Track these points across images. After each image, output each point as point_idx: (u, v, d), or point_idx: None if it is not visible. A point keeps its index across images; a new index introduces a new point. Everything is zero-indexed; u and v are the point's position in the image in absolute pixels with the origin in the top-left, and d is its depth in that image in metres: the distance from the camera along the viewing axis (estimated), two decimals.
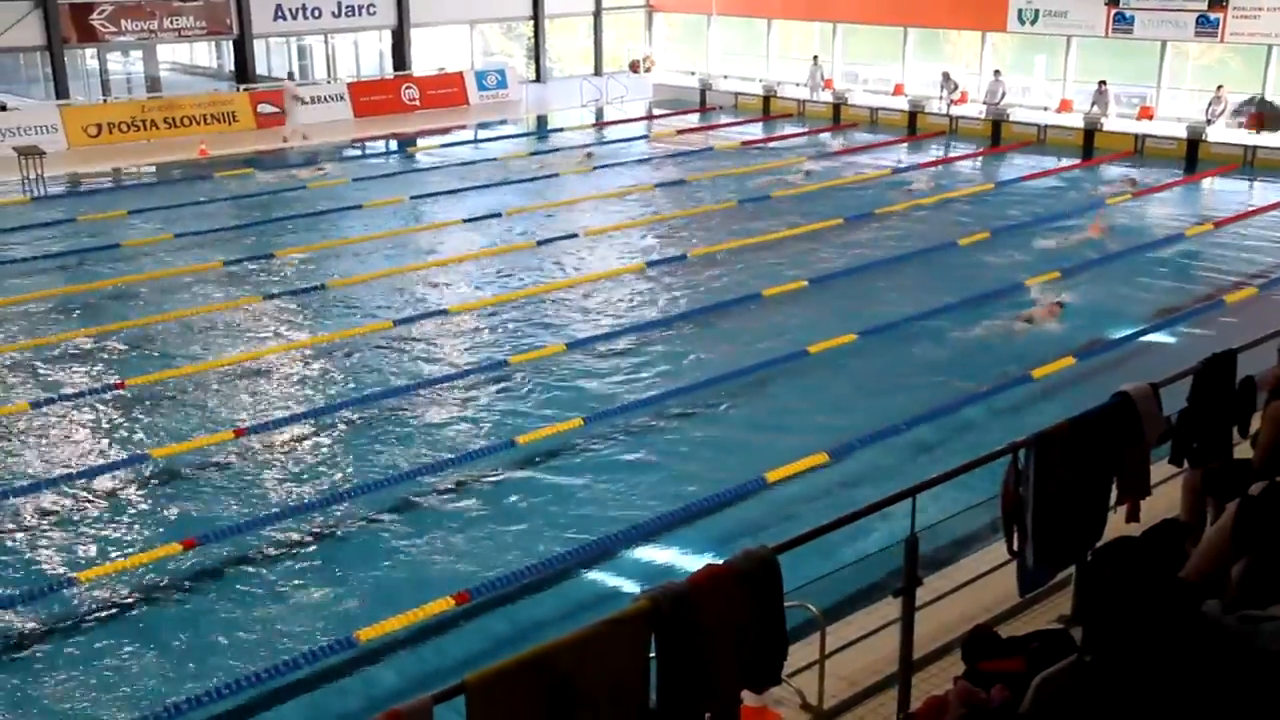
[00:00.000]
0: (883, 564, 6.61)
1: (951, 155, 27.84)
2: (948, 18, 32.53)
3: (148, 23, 30.87)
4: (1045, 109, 30.59)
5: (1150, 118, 28.82)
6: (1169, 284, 17.45)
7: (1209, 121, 26.82)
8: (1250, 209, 21.89)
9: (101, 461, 11.76)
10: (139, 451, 11.89)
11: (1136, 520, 6.64)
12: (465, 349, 15.09)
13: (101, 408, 13.16)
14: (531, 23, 38.50)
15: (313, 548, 10.13)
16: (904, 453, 11.61)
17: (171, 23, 31.27)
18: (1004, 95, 30.07)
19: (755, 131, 31.20)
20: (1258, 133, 25.94)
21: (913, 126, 30.56)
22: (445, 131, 30.97)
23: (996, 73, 30.61)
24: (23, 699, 8.16)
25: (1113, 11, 29.13)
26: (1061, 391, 12.85)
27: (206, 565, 9.78)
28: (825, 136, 30.41)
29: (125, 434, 12.54)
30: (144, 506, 10.94)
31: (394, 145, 29.78)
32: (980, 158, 27.61)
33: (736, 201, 22.58)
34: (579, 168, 26.39)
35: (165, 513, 10.76)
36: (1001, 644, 5.16)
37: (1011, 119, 29.31)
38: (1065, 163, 26.42)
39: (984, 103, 30.33)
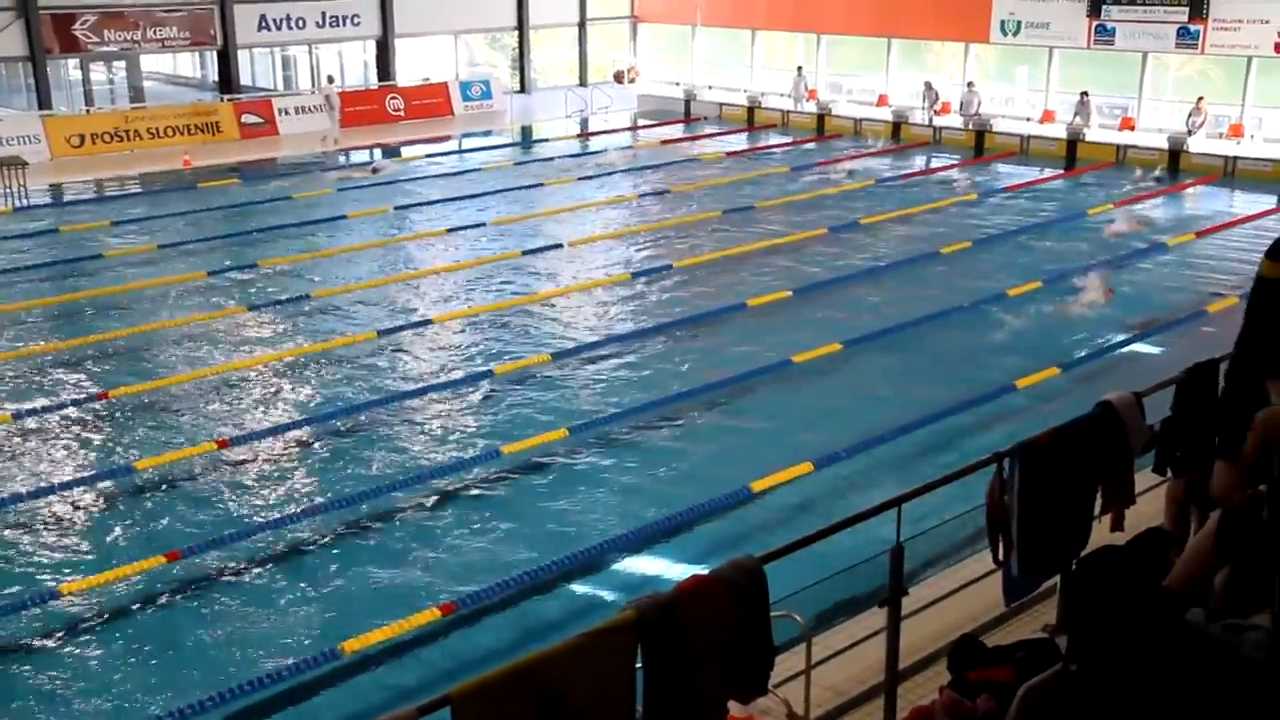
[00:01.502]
0: (869, 574, 6.60)
1: (935, 165, 27.91)
2: (931, 29, 32.69)
3: (131, 33, 30.77)
4: (1028, 119, 30.76)
5: (1131, 128, 29.02)
6: (1152, 293, 17.53)
7: (1190, 132, 27.01)
8: (1231, 219, 22.03)
9: (84, 473, 11.70)
10: (122, 463, 11.84)
11: (1121, 529, 6.66)
12: (450, 359, 15.07)
13: (85, 419, 13.10)
14: (516, 33, 38.51)
15: (297, 559, 10.09)
16: (888, 462, 11.62)
17: (155, 33, 31.17)
18: (979, 106, 30.25)
19: (739, 142, 31.28)
20: None
21: (896, 137, 30.70)
22: (430, 142, 30.95)
23: (970, 84, 30.80)
24: (4, 712, 8.10)
25: (1094, 23, 29.32)
26: (1045, 401, 12.88)
27: (190, 577, 9.73)
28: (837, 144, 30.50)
29: (108, 445, 12.48)
30: (127, 518, 10.89)
31: (378, 155, 29.74)
32: (963, 167, 27.67)
33: (721, 212, 22.61)
34: (627, 164, 27.51)
35: (149, 524, 10.71)
36: (987, 653, 5.17)
37: (994, 129, 29.47)
38: (1048, 172, 26.57)
39: (959, 114, 30.51)
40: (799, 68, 34.35)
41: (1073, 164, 27.48)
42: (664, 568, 9.77)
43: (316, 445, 12.45)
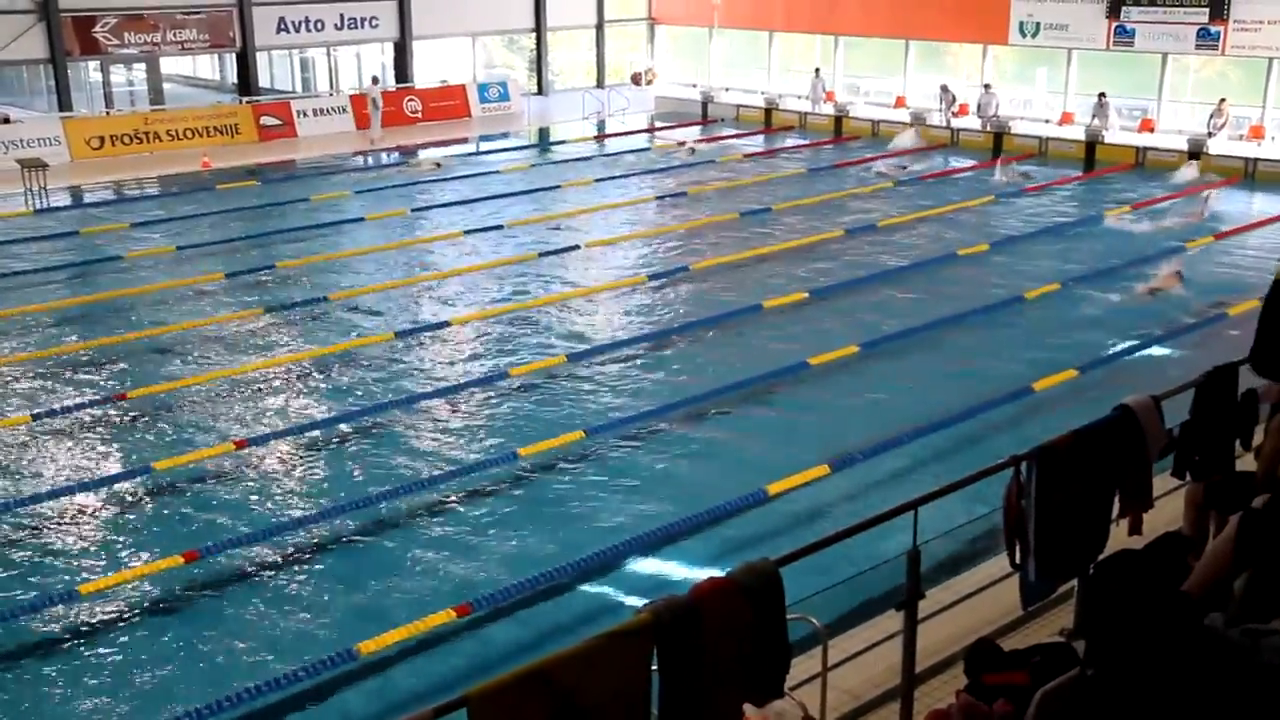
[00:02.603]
0: (885, 577, 6.59)
1: (952, 167, 27.79)
2: (949, 30, 32.60)
3: (151, 35, 30.96)
4: (1047, 121, 30.64)
5: (1151, 130, 28.88)
6: (1170, 296, 17.42)
7: (1210, 134, 26.86)
8: (1252, 221, 21.89)
9: (103, 473, 11.76)
10: (141, 463, 11.89)
11: (1139, 533, 6.63)
12: (466, 361, 15.09)
13: (104, 419, 13.17)
14: (534, 35, 38.60)
15: (314, 560, 10.13)
16: (905, 465, 11.60)
17: (174, 35, 31.36)
18: (997, 108, 30.15)
19: (757, 144, 31.26)
20: None
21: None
22: (447, 144, 31.04)
23: (987, 86, 30.71)
24: (25, 711, 8.15)
25: (1114, 24, 29.20)
26: (1063, 404, 12.83)
27: (208, 578, 9.77)
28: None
29: (127, 445, 12.55)
30: (145, 518, 10.94)
31: (396, 157, 29.85)
32: (981, 169, 27.55)
33: (738, 214, 22.60)
34: (685, 158, 28.24)
35: (167, 525, 10.76)
36: (1004, 657, 5.16)
37: (1012, 131, 29.36)
38: (1067, 174, 26.46)
39: (977, 115, 30.43)
40: (816, 69, 34.31)
41: (1091, 166, 27.37)
42: (680, 570, 9.76)
43: (333, 446, 12.49)
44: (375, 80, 32.55)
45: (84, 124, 29.00)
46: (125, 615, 9.29)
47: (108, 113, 31.10)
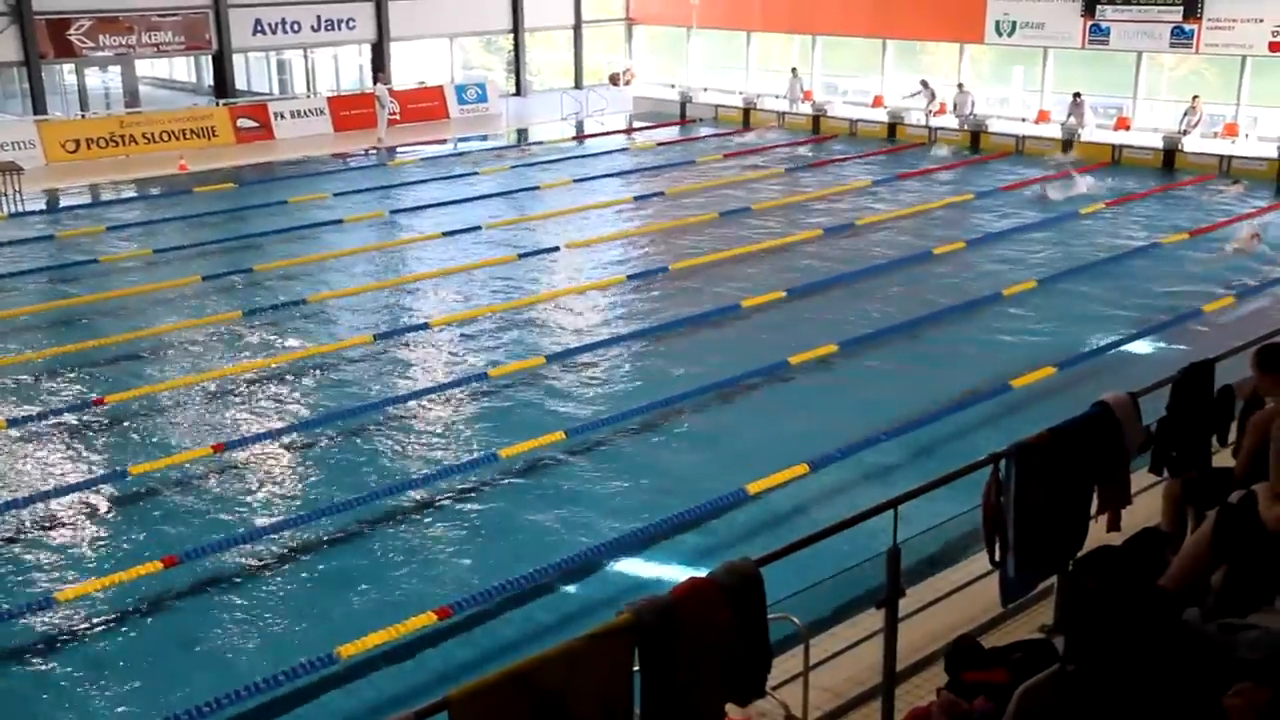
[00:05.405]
0: (865, 576, 6.60)
1: (930, 166, 27.88)
2: (926, 29, 32.73)
3: (126, 37, 30.76)
4: (1023, 119, 30.80)
5: (1127, 128, 29.07)
6: (1147, 293, 17.52)
7: (1184, 132, 27.05)
8: (1226, 218, 22.03)
9: (80, 478, 11.67)
10: (117, 468, 11.80)
11: (1117, 529, 6.67)
12: (446, 362, 15.06)
13: (80, 424, 13.07)
14: (511, 36, 38.52)
15: (293, 563, 10.08)
16: (885, 463, 11.62)
17: (150, 37, 31.17)
18: (972, 107, 30.29)
19: (736, 143, 31.29)
20: None
21: (892, 138, 30.75)
22: (425, 145, 30.96)
23: (960, 85, 30.84)
24: None
25: (1089, 23, 29.37)
26: (1041, 401, 12.88)
27: (187, 583, 9.71)
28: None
29: (104, 450, 12.46)
30: (123, 524, 10.87)
31: (373, 159, 29.75)
32: (958, 168, 27.66)
33: (717, 213, 22.62)
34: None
35: (145, 530, 10.68)
36: (984, 655, 5.18)
37: (989, 130, 29.50)
38: (1044, 172, 26.57)
39: (954, 114, 30.56)
40: (793, 69, 34.39)
41: None
42: (661, 570, 9.76)
43: (312, 449, 12.44)
44: (383, 81, 32.34)
45: (59, 127, 28.80)
46: (103, 622, 9.22)
47: (83, 115, 30.87)
